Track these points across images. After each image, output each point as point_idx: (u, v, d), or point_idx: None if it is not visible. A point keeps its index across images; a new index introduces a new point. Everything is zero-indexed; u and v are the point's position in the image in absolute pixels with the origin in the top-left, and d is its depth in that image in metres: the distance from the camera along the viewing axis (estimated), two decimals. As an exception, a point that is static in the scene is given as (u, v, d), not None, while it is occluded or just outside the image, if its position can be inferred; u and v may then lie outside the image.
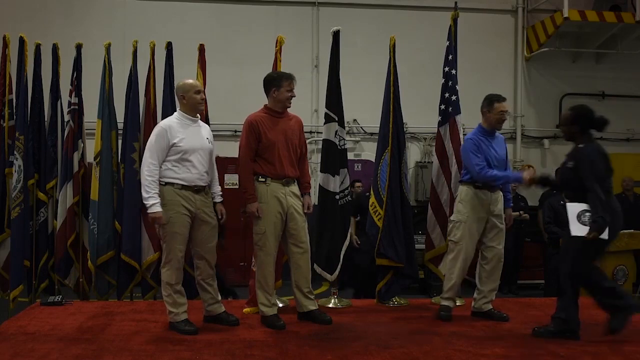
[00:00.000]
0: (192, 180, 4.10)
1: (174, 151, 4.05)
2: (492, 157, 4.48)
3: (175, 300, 4.14)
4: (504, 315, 4.54)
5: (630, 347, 3.85)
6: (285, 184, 4.30)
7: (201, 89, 4.21)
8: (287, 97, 4.30)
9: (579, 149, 4.03)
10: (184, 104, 4.17)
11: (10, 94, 5.57)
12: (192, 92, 4.14)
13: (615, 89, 9.56)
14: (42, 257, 5.50)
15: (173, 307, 4.14)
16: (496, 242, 4.53)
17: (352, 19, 8.80)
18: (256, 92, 5.63)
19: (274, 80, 4.32)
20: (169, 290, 4.13)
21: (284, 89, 4.28)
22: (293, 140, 4.35)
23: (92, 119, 5.65)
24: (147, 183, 4.00)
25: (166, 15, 8.73)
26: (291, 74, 4.35)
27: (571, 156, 4.08)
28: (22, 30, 5.73)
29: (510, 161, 9.28)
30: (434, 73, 5.98)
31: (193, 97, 4.14)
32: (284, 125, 4.33)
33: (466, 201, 4.48)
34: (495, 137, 4.61)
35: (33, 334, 4.00)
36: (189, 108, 4.17)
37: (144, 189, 4.00)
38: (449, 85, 5.34)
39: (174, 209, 4.04)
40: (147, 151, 4.07)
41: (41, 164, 5.59)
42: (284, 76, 4.33)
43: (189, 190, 4.08)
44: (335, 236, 5.00)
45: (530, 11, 9.46)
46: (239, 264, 7.54)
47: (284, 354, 3.67)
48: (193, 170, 4.09)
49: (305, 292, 4.42)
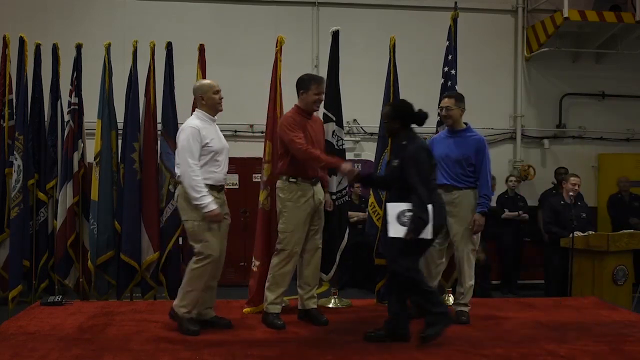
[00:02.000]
0: (219, 179, 4.11)
1: (206, 151, 4.02)
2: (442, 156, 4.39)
3: (197, 298, 4.05)
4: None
5: (630, 347, 3.85)
6: (314, 184, 4.33)
7: (219, 88, 4.18)
8: (314, 100, 4.31)
9: (402, 146, 3.92)
10: (203, 104, 4.16)
11: (10, 94, 5.58)
12: (210, 93, 4.14)
13: (615, 89, 9.55)
14: (42, 257, 5.51)
15: (192, 304, 4.04)
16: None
17: (352, 19, 8.79)
18: (256, 92, 5.66)
19: (303, 82, 4.34)
20: (198, 285, 4.01)
21: (312, 92, 4.29)
22: (320, 141, 4.40)
23: (92, 119, 5.66)
24: (195, 184, 3.91)
25: (166, 15, 8.72)
26: (321, 78, 4.38)
27: (395, 154, 4.01)
28: (22, 30, 5.73)
29: (511, 161, 9.37)
30: (433, 73, 5.97)
31: (212, 97, 4.14)
32: (311, 126, 4.36)
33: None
34: (459, 136, 4.50)
35: (33, 334, 3.99)
36: (209, 108, 4.16)
37: (194, 190, 3.91)
38: (448, 85, 5.34)
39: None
40: (184, 152, 3.96)
41: (41, 164, 5.59)
42: (313, 79, 4.35)
43: (215, 190, 4.07)
44: (333, 236, 5.00)
45: (530, 11, 9.45)
46: (239, 264, 7.53)
47: (284, 354, 3.67)
48: (219, 170, 4.10)
49: (311, 289, 4.45)
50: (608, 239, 5.78)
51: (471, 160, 4.43)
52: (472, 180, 4.45)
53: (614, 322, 4.48)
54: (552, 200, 6.59)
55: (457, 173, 4.44)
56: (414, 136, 3.96)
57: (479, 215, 4.42)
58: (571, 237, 5.87)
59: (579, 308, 4.97)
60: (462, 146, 4.46)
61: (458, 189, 4.44)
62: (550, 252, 6.52)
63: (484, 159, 4.45)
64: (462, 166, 4.43)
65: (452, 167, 4.43)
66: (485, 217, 4.48)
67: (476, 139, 4.50)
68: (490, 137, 9.36)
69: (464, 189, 4.44)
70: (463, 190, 4.44)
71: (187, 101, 5.54)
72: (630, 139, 9.58)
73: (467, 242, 4.45)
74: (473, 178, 4.45)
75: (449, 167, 4.44)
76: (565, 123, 9.53)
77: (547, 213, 6.48)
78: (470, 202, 4.44)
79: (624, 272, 5.91)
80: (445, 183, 4.42)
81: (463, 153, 4.44)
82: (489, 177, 4.49)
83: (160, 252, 5.41)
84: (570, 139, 9.55)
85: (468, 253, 4.46)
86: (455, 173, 4.44)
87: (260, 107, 4.59)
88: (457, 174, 4.44)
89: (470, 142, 4.47)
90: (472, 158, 4.43)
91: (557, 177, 7.94)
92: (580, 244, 5.90)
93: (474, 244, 4.50)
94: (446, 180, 4.44)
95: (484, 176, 4.44)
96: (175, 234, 5.44)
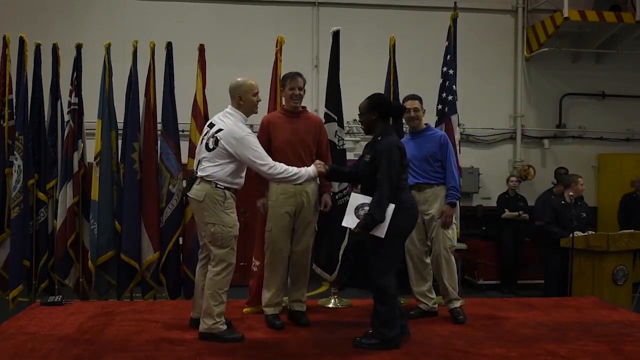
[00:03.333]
0: (242, 183, 4.04)
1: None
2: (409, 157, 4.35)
3: (224, 310, 3.94)
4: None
5: (630, 347, 3.85)
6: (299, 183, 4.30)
7: (259, 90, 4.05)
8: (290, 95, 4.35)
9: (377, 141, 3.88)
10: (241, 105, 4.00)
11: (10, 94, 5.57)
12: (250, 94, 4.01)
13: (615, 89, 9.57)
14: (42, 257, 5.50)
15: (219, 317, 3.90)
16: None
17: (352, 19, 8.80)
18: (256, 92, 5.66)
19: (281, 82, 4.44)
20: (222, 298, 3.89)
21: (287, 88, 4.36)
22: (306, 139, 4.36)
23: (92, 119, 5.65)
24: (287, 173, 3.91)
25: (166, 15, 8.73)
26: (294, 73, 4.39)
27: (369, 149, 3.95)
28: (22, 30, 5.73)
29: (511, 161, 9.38)
30: (433, 73, 5.98)
31: (251, 99, 4.01)
32: (298, 124, 4.36)
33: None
34: (421, 136, 4.58)
35: (33, 334, 3.99)
36: (246, 109, 4.02)
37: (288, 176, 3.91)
38: (446, 85, 5.35)
39: (235, 212, 3.97)
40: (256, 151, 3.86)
41: (41, 164, 5.59)
42: (287, 76, 4.40)
43: (235, 193, 4.01)
44: (335, 236, 5.00)
45: (530, 11, 9.46)
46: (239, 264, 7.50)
47: (284, 354, 3.68)
48: (244, 175, 4.04)
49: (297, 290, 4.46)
50: (608, 239, 5.78)
51: (437, 157, 4.53)
52: (441, 176, 4.55)
53: (614, 322, 4.48)
54: (553, 200, 6.59)
55: (427, 170, 4.53)
56: (389, 132, 3.90)
57: (447, 206, 4.50)
58: (571, 237, 5.87)
59: (579, 308, 4.97)
60: (427, 144, 4.56)
61: (430, 185, 4.53)
62: (550, 252, 6.52)
63: (448, 153, 4.55)
64: (429, 163, 4.53)
65: (421, 166, 4.53)
66: (454, 208, 4.57)
67: (438, 135, 4.63)
68: (490, 137, 9.39)
69: (436, 185, 4.53)
70: (435, 187, 4.53)
71: (187, 101, 5.57)
72: (630, 139, 9.59)
73: (443, 238, 4.49)
74: (441, 174, 4.55)
75: (417, 167, 4.52)
76: (565, 123, 9.54)
77: (547, 213, 6.48)
78: (442, 197, 4.53)
79: (624, 272, 5.91)
80: (417, 182, 4.50)
81: (429, 150, 4.53)
82: (455, 169, 4.58)
83: (161, 252, 5.41)
84: (570, 139, 9.56)
85: (446, 249, 4.49)
86: (425, 170, 4.53)
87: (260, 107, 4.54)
88: (427, 171, 4.53)
89: (433, 139, 4.58)
90: (438, 154, 4.53)
91: (557, 177, 7.94)
92: (580, 244, 5.90)
93: (451, 238, 4.53)
94: (417, 179, 4.51)
95: (449, 169, 4.54)
96: (176, 234, 5.43)
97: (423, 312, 4.59)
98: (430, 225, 4.52)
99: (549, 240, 6.49)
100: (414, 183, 4.47)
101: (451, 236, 4.54)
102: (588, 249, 5.88)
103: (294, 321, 4.39)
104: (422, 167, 4.52)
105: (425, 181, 4.53)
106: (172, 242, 5.43)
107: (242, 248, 7.13)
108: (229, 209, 3.91)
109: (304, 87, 4.38)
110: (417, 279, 4.61)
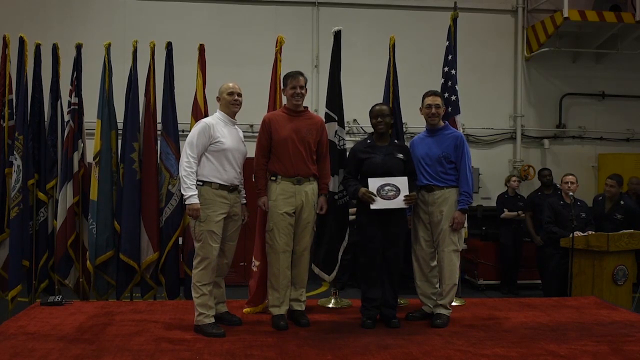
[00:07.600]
0: (229, 179, 4.18)
1: (214, 148, 4.13)
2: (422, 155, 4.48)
3: (206, 302, 4.12)
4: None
5: (630, 347, 3.85)
6: (297, 183, 4.31)
7: (234, 90, 4.29)
8: (291, 94, 4.36)
9: (401, 144, 4.58)
10: (220, 104, 4.33)
11: (10, 94, 5.56)
12: (225, 93, 4.28)
13: (615, 89, 9.57)
14: (42, 257, 5.50)
15: (203, 309, 4.11)
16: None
17: (352, 19, 8.81)
18: (256, 92, 5.65)
19: (282, 81, 4.47)
20: (201, 290, 4.12)
21: (288, 87, 4.38)
22: (307, 139, 4.36)
23: (92, 119, 5.65)
24: (185, 174, 4.05)
25: (166, 15, 8.73)
26: (296, 72, 4.40)
27: (398, 149, 4.43)
28: (22, 30, 5.73)
29: (511, 161, 9.38)
30: (433, 73, 5.98)
31: (225, 97, 4.28)
32: (300, 123, 4.36)
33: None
34: (438, 135, 4.52)
35: (33, 334, 3.99)
36: (224, 107, 4.31)
37: (182, 180, 4.06)
38: (448, 85, 5.34)
39: (212, 208, 4.10)
40: (187, 145, 4.10)
41: (41, 164, 5.58)
42: (288, 75, 4.42)
43: (225, 190, 4.15)
44: (334, 237, 5.00)
45: (530, 11, 9.47)
46: (239, 263, 7.53)
47: (284, 354, 3.68)
48: (230, 170, 4.18)
49: (296, 290, 4.46)
50: (608, 239, 5.78)
51: (451, 158, 4.44)
52: (453, 178, 4.45)
53: (614, 322, 4.48)
54: (552, 200, 6.58)
55: (438, 171, 4.44)
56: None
57: (458, 212, 4.42)
58: (571, 237, 5.87)
59: (579, 308, 4.97)
60: (442, 144, 4.47)
61: (440, 188, 4.44)
62: (551, 252, 6.51)
63: (463, 155, 4.45)
64: (441, 164, 4.44)
65: (433, 166, 4.45)
66: (466, 214, 4.49)
67: (455, 136, 4.52)
68: (490, 137, 9.39)
69: (446, 188, 4.43)
70: (445, 190, 4.43)
71: (187, 101, 5.57)
72: (630, 139, 9.60)
73: (448, 241, 4.43)
74: (454, 176, 4.46)
75: (429, 167, 4.45)
76: (565, 123, 9.54)
77: (547, 213, 6.48)
78: (453, 201, 4.44)
79: (624, 272, 5.91)
80: (428, 183, 4.45)
81: (443, 150, 4.45)
82: (469, 173, 4.48)
83: (160, 252, 5.41)
84: (570, 139, 9.57)
85: (449, 252, 4.43)
86: (436, 172, 4.44)
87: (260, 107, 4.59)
88: (438, 172, 4.44)
89: (449, 139, 4.49)
90: (452, 155, 4.45)
91: (541, 179, 7.88)
92: (580, 244, 5.90)
93: (455, 243, 4.46)
94: (427, 180, 4.45)
95: (463, 173, 4.45)
96: (175, 234, 5.43)
97: (425, 314, 4.56)
98: (436, 228, 4.45)
99: (549, 240, 6.48)
100: (424, 184, 4.43)
101: (457, 240, 4.48)
102: (588, 249, 5.88)
103: (294, 321, 4.39)
104: (434, 167, 4.43)
105: (436, 183, 4.43)
106: (172, 242, 5.43)
107: (242, 248, 7.16)
108: (204, 204, 4.07)
109: (305, 85, 4.40)
110: (421, 281, 4.58)
